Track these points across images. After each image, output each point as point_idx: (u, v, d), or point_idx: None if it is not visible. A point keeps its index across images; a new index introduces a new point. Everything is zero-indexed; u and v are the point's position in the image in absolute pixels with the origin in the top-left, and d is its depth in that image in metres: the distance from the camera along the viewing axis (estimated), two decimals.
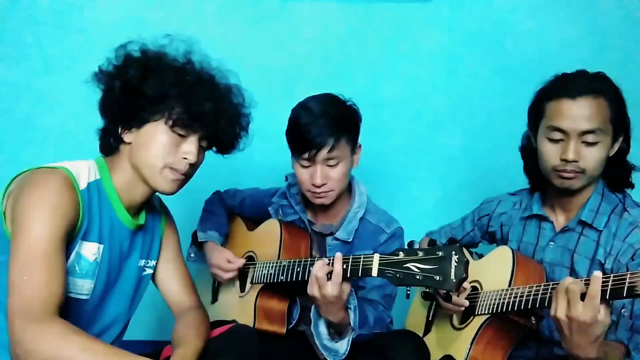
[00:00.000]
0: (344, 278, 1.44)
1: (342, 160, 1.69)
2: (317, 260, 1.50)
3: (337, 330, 1.58)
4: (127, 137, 1.37)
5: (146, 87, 1.32)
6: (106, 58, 1.37)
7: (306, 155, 1.66)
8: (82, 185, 1.31)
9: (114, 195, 1.38)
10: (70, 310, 1.29)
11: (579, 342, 1.29)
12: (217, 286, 2.00)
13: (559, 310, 1.30)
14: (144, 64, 1.35)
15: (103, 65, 1.37)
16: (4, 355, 1.21)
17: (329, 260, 1.47)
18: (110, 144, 1.38)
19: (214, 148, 1.48)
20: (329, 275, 1.45)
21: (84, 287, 1.33)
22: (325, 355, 1.59)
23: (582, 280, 1.29)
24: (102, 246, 1.35)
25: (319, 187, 1.69)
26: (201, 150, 1.41)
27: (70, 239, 1.27)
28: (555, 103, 1.54)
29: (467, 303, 1.61)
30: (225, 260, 1.84)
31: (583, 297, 1.26)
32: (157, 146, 1.34)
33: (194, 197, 2.14)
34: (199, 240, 1.93)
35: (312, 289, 1.48)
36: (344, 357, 1.56)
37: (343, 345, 1.56)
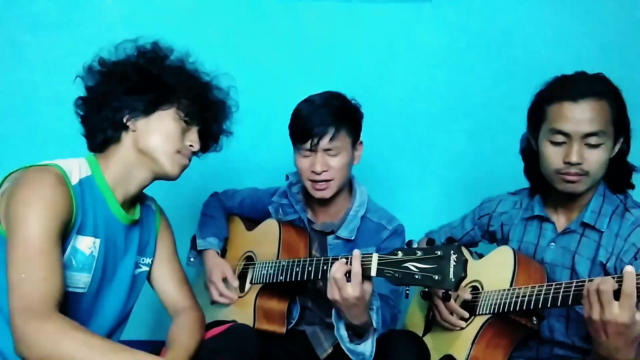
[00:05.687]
0: (365, 277, 1.39)
1: (343, 152, 1.71)
2: (333, 261, 1.45)
3: (356, 332, 1.52)
4: (132, 124, 1.39)
5: (165, 75, 1.40)
6: (97, 56, 1.43)
7: (308, 145, 1.67)
8: (74, 180, 1.33)
9: (107, 191, 1.39)
10: (67, 304, 1.30)
11: (616, 345, 1.24)
12: None
13: (594, 312, 1.23)
14: (158, 55, 1.44)
15: (100, 58, 1.43)
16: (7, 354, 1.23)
17: (347, 259, 1.42)
18: (106, 137, 1.40)
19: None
20: (348, 275, 1.40)
21: (80, 280, 1.34)
22: (353, 358, 1.53)
23: (612, 277, 1.24)
24: (97, 240, 1.36)
25: (319, 174, 1.69)
26: None
27: (65, 234, 1.29)
28: (556, 106, 1.52)
29: (463, 324, 1.62)
30: (221, 281, 1.82)
31: (617, 296, 1.21)
32: (170, 132, 1.40)
33: (194, 197, 2.14)
34: (198, 248, 1.91)
35: (333, 292, 1.41)
36: (371, 359, 1.51)
37: (368, 347, 1.51)
